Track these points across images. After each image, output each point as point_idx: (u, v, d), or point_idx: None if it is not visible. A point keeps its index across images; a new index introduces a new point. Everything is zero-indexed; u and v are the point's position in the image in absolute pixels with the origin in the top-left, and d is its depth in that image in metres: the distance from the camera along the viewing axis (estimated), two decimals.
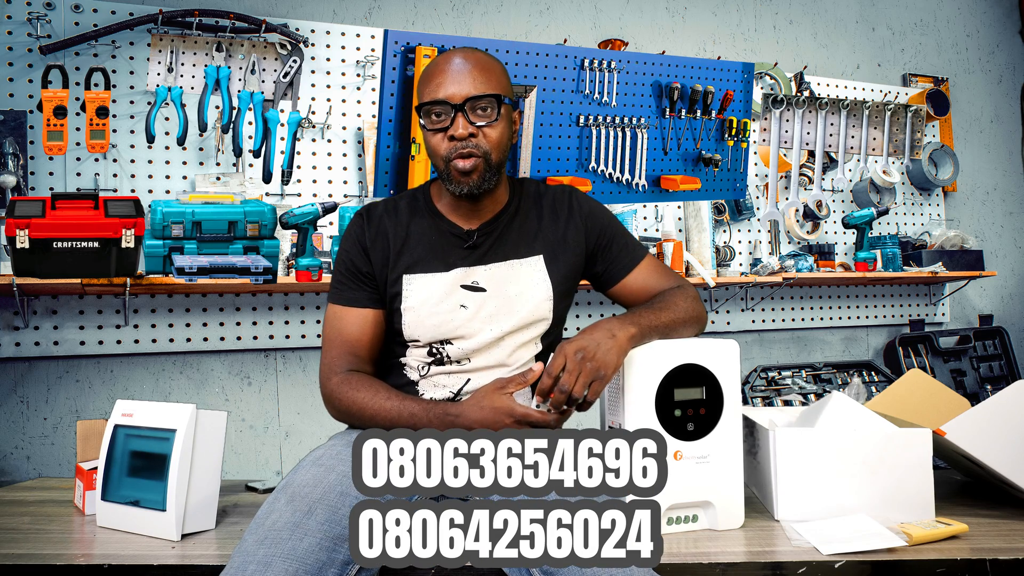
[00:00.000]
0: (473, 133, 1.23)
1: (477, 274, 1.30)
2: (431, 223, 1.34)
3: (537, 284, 1.31)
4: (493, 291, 1.29)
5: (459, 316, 1.27)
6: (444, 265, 1.30)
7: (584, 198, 1.41)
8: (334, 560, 0.97)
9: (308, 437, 2.46)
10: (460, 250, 1.31)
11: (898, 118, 2.88)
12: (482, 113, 1.24)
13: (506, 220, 1.34)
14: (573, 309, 2.77)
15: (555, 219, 1.37)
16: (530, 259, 1.33)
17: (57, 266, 1.90)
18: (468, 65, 1.25)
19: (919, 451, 1.21)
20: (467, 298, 1.29)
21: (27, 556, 1.13)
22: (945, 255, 3.10)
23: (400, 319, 1.29)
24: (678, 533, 1.17)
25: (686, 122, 2.39)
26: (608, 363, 1.12)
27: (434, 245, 1.31)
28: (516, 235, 1.34)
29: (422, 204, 1.36)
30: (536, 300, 1.30)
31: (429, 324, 1.27)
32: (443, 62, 1.27)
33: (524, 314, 1.29)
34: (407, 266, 1.30)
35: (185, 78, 2.28)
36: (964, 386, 3.21)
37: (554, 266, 1.33)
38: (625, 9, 3.03)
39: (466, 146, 1.23)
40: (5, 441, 2.21)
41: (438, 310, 1.27)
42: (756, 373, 2.98)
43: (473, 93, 1.23)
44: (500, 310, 1.29)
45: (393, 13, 2.69)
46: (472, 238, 1.31)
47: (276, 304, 2.42)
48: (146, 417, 1.28)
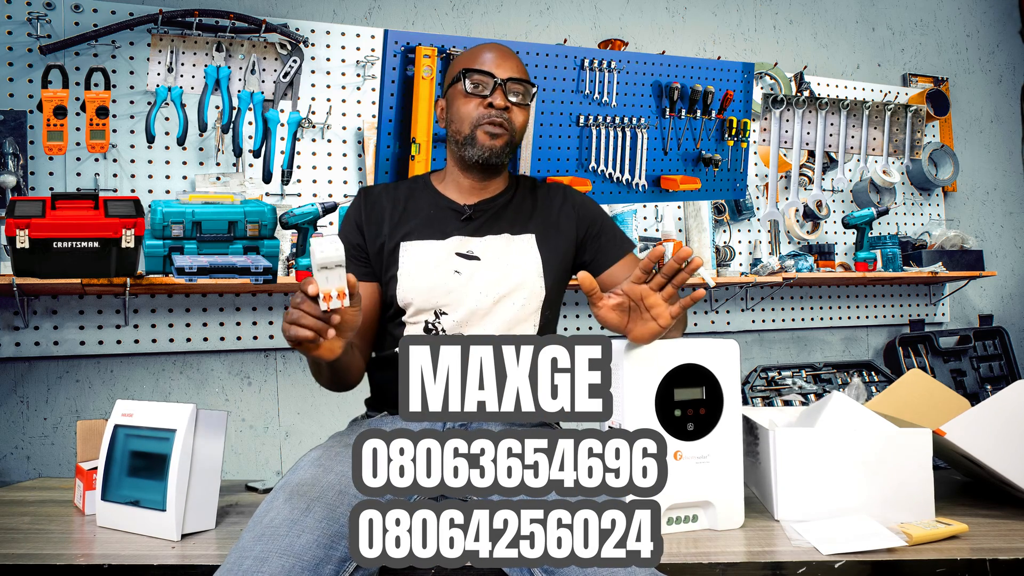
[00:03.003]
0: (507, 107, 1.36)
1: (472, 244, 1.37)
2: (430, 199, 1.43)
3: (528, 258, 1.38)
4: (487, 261, 1.36)
5: (452, 281, 1.33)
6: (441, 234, 1.38)
7: (577, 192, 1.51)
8: (331, 557, 0.97)
9: (308, 437, 2.46)
10: (457, 222, 1.39)
11: (898, 118, 2.88)
12: (517, 96, 1.38)
13: (503, 202, 1.44)
14: (571, 310, 2.77)
15: (548, 206, 1.46)
16: (523, 236, 1.40)
17: (57, 266, 1.90)
18: (511, 55, 1.42)
19: (919, 451, 1.21)
20: (461, 265, 1.35)
21: (27, 556, 1.13)
22: (945, 255, 3.10)
23: (395, 284, 1.34)
24: (678, 533, 1.17)
25: (686, 122, 2.39)
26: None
27: (432, 217, 1.40)
28: (511, 214, 1.42)
29: (421, 186, 1.46)
30: (527, 271, 1.36)
31: (423, 287, 1.32)
32: (487, 46, 1.42)
33: (515, 281, 1.34)
34: (404, 235, 1.37)
35: (185, 78, 2.28)
36: (964, 386, 3.21)
37: (545, 246, 1.40)
38: (625, 9, 3.03)
39: (500, 116, 1.36)
40: (5, 441, 2.21)
41: (433, 274, 1.33)
42: (756, 373, 2.98)
43: (515, 75, 1.38)
44: (492, 278, 1.34)
45: (393, 13, 2.69)
46: (469, 211, 1.40)
47: (276, 304, 2.42)
48: (146, 417, 1.28)
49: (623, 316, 1.11)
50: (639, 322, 1.10)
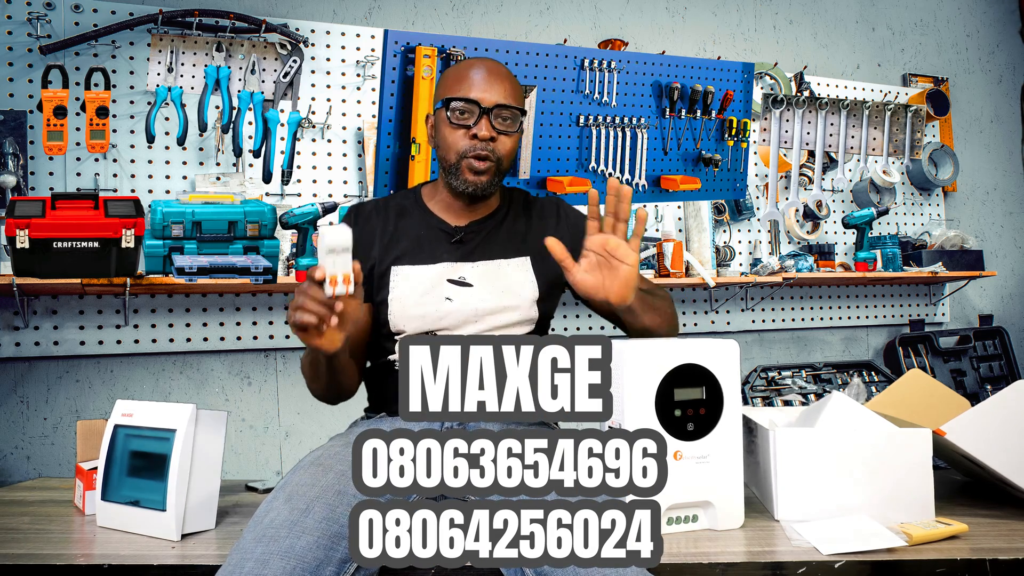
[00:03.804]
0: (493, 137, 1.30)
1: (464, 270, 1.35)
2: (420, 220, 1.39)
3: (524, 285, 1.35)
4: (480, 288, 1.33)
5: (444, 308, 1.31)
6: (431, 258, 1.35)
7: (571, 208, 1.48)
8: (331, 558, 0.97)
9: (308, 437, 2.46)
10: (447, 244, 1.36)
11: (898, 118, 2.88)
12: (505, 122, 1.32)
13: (495, 222, 1.40)
14: (571, 310, 2.77)
15: (543, 225, 1.42)
16: (517, 260, 1.37)
17: (57, 266, 1.90)
18: (500, 75, 1.33)
19: (919, 451, 1.21)
20: (453, 292, 1.33)
21: (27, 556, 1.13)
22: (945, 255, 3.10)
23: (386, 310, 1.33)
24: (678, 533, 1.17)
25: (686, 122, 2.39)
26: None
27: (421, 239, 1.37)
28: (504, 236, 1.39)
29: (412, 203, 1.42)
30: (521, 297, 1.34)
31: (414, 314, 1.31)
32: (475, 65, 1.34)
33: (510, 314, 1.33)
34: (395, 258, 1.35)
35: (185, 78, 2.28)
36: (964, 386, 3.21)
37: (541, 268, 1.38)
38: (625, 9, 3.03)
39: (485, 148, 1.30)
40: (5, 441, 2.21)
41: (423, 301, 1.31)
42: (756, 373, 2.98)
43: (502, 101, 1.31)
44: (486, 307, 1.32)
45: (393, 13, 2.69)
46: (459, 234, 1.37)
47: (276, 304, 2.42)
48: (146, 417, 1.28)
49: (596, 274, 1.17)
50: (611, 274, 1.16)
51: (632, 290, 1.17)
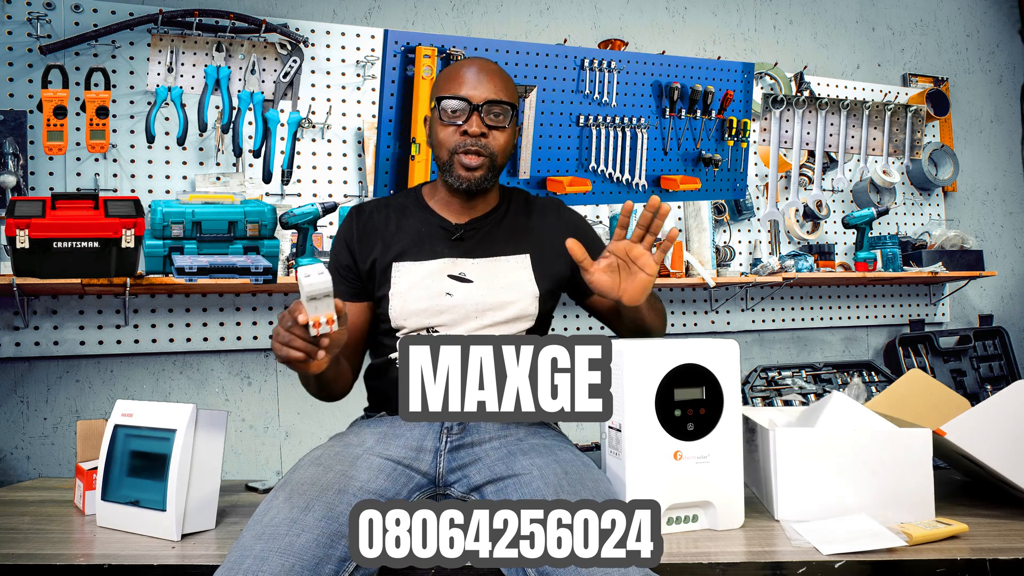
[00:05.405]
0: (484, 133, 1.32)
1: (464, 266, 1.36)
2: (420, 217, 1.41)
3: (523, 283, 1.37)
4: (480, 284, 1.34)
5: (444, 303, 1.33)
6: (431, 254, 1.37)
7: (571, 211, 1.50)
8: (331, 556, 0.97)
9: (308, 437, 2.46)
10: (447, 241, 1.38)
11: (898, 118, 2.88)
12: (496, 117, 1.33)
13: (495, 220, 1.42)
14: (571, 310, 2.77)
15: (543, 224, 1.44)
16: (517, 257, 1.39)
17: (57, 266, 1.90)
18: (490, 72, 1.35)
19: (919, 451, 1.21)
20: (453, 287, 1.34)
21: (27, 556, 1.13)
22: (945, 255, 3.10)
23: (387, 304, 1.34)
24: (678, 533, 1.17)
25: (686, 122, 2.39)
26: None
27: (422, 236, 1.38)
28: (504, 234, 1.41)
29: (412, 202, 1.44)
30: (522, 292, 1.36)
31: (415, 308, 1.33)
32: (466, 64, 1.36)
33: (510, 311, 1.34)
34: (396, 255, 1.37)
35: (185, 78, 2.28)
36: (964, 386, 3.21)
37: (541, 266, 1.39)
38: (625, 9, 3.03)
39: (476, 144, 1.32)
40: (5, 441, 2.21)
41: (424, 295, 1.33)
42: (756, 373, 2.98)
43: (492, 97, 1.33)
44: (486, 304, 1.34)
45: (393, 13, 2.69)
46: (459, 231, 1.38)
47: (276, 304, 2.42)
48: (146, 417, 1.28)
49: (614, 276, 1.22)
50: (629, 278, 1.22)
51: (646, 294, 1.23)
